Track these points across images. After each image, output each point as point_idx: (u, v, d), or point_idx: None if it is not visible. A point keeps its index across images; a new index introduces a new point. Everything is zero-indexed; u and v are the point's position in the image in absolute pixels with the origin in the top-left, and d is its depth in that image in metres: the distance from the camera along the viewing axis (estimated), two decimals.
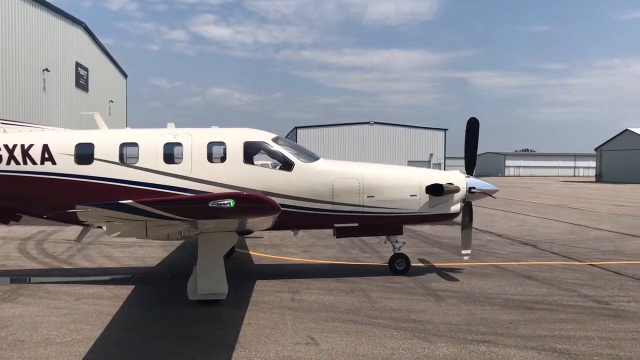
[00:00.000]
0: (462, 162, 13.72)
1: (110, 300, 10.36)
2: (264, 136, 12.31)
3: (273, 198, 9.20)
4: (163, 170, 11.71)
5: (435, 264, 14.16)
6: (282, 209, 8.19)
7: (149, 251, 16.03)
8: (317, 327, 8.67)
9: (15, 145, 11.79)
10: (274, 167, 12.28)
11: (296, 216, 11.80)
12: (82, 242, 14.68)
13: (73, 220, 10.01)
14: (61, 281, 12.15)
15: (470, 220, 12.69)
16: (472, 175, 12.82)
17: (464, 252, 12.71)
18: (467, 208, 12.63)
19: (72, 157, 11.76)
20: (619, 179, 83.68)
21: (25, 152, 11.76)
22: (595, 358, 7.40)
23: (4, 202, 12.00)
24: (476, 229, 19.71)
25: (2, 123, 12.68)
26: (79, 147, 11.87)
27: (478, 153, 13.16)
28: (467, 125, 12.60)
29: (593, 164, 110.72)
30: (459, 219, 12.83)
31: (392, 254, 12.90)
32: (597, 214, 29.32)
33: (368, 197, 12.03)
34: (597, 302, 10.39)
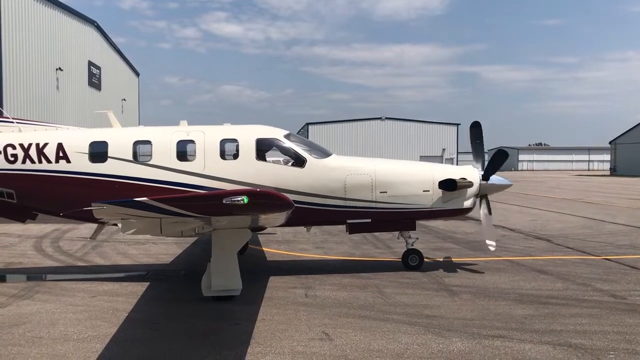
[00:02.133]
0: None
1: (125, 297, 10.45)
2: (276, 133, 12.33)
3: (286, 194, 9.22)
4: (176, 168, 11.77)
5: (448, 260, 14.12)
6: (294, 205, 8.21)
7: (162, 248, 16.13)
8: (331, 323, 8.69)
9: (30, 144, 11.92)
10: (286, 163, 12.30)
11: (309, 212, 11.81)
12: (96, 239, 14.80)
13: (89, 217, 10.09)
14: (77, 278, 12.27)
15: (489, 212, 12.60)
16: (488, 178, 12.63)
17: (488, 242, 12.60)
18: (485, 200, 12.55)
19: (87, 156, 11.86)
20: (634, 172, 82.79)
21: (40, 151, 11.88)
22: (611, 353, 7.34)
23: (20, 200, 12.13)
24: None
25: (17, 122, 12.81)
26: (93, 145, 11.97)
27: (491, 148, 13.24)
28: (470, 130, 12.72)
29: (607, 157, 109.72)
30: (474, 214, 12.76)
31: (405, 249, 12.88)
32: (612, 207, 29.05)
33: (380, 192, 12.02)
34: (612, 296, 10.31)
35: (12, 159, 11.89)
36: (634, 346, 7.58)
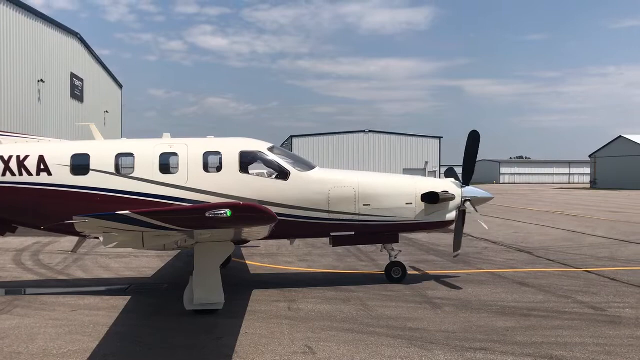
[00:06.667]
0: (458, 169, 13.78)
1: (106, 311, 10.34)
2: (260, 145, 12.35)
3: (269, 207, 9.22)
4: (159, 181, 11.72)
5: (431, 272, 14.17)
6: (278, 218, 8.22)
7: (144, 262, 15.99)
8: (314, 337, 8.67)
9: (11, 157, 11.79)
10: (270, 176, 12.30)
11: (292, 225, 11.81)
12: (77, 253, 14.65)
13: (70, 231, 10.00)
14: (57, 292, 12.11)
15: (463, 224, 12.76)
16: (468, 185, 12.85)
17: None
18: (461, 214, 12.68)
19: (68, 168, 11.76)
20: (613, 186, 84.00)
21: (21, 164, 11.76)
22: None
23: None
24: (472, 236, 19.80)
25: None
26: (75, 157, 11.88)
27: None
28: (468, 138, 12.64)
29: (588, 170, 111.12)
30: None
31: (389, 262, 12.92)
32: (592, 220, 29.41)
33: (364, 205, 12.06)
34: (592, 308, 10.43)
35: None
36: (613, 357, 7.67)
